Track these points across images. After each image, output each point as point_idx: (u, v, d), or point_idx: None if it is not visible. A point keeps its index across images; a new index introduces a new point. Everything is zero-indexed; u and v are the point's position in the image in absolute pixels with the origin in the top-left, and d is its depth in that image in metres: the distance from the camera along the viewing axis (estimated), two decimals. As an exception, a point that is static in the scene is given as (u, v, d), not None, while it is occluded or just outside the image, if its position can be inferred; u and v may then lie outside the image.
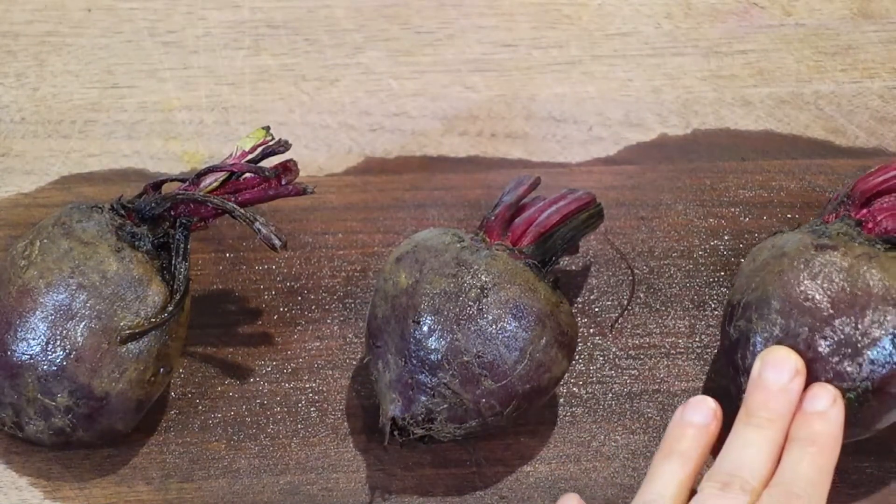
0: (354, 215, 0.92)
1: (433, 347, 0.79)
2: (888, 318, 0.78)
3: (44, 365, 0.78)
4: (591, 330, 0.88)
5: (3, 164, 0.94)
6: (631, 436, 0.85)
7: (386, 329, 0.81)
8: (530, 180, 0.86)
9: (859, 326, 0.78)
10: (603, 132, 0.96)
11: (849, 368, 0.78)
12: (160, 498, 0.82)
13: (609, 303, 0.90)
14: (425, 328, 0.79)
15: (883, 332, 0.78)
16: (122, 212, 0.83)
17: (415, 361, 0.79)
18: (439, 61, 0.99)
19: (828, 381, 0.78)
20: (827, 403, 0.77)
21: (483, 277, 0.80)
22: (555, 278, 0.83)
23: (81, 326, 0.78)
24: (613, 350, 0.88)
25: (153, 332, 0.80)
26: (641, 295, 0.90)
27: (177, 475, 0.83)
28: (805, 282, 0.79)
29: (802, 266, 0.80)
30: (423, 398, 0.79)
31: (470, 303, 0.79)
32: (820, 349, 0.78)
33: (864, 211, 0.83)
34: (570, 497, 0.77)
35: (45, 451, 0.83)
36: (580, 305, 0.89)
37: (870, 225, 0.82)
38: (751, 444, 0.75)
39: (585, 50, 0.99)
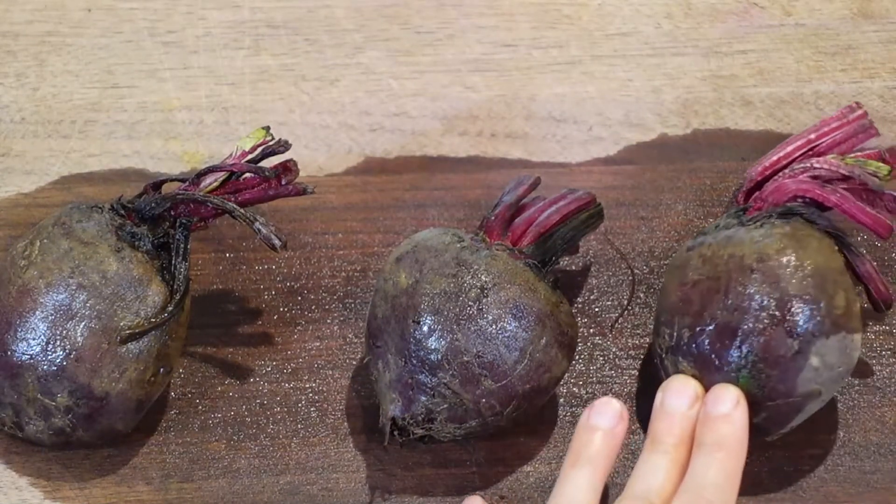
0: (354, 215, 0.92)
1: (433, 347, 0.79)
2: (747, 287, 0.78)
3: (44, 365, 0.78)
4: (591, 330, 0.88)
5: (3, 164, 0.94)
6: (631, 436, 0.85)
7: (386, 329, 0.80)
8: (530, 180, 0.86)
9: (727, 306, 0.78)
10: (603, 132, 0.96)
11: (731, 349, 0.78)
12: (160, 498, 0.82)
13: (609, 303, 0.90)
14: (425, 328, 0.79)
15: (747, 301, 0.78)
16: (122, 212, 0.83)
17: (415, 361, 0.79)
18: (439, 61, 0.99)
19: (718, 368, 0.78)
20: (730, 405, 0.78)
21: (483, 277, 0.80)
22: (555, 278, 0.83)
23: (81, 326, 0.78)
24: (613, 350, 0.88)
25: (153, 332, 0.80)
26: (641, 295, 0.90)
27: (177, 475, 0.83)
28: (678, 285, 0.81)
29: (674, 273, 0.82)
30: (423, 398, 0.79)
31: (470, 303, 0.79)
32: (700, 343, 0.79)
33: (754, 195, 0.84)
34: (473, 499, 0.79)
35: (45, 451, 0.83)
36: (580, 305, 0.89)
37: (757, 204, 0.83)
38: (659, 468, 0.77)
39: (585, 50, 0.99)
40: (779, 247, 0.79)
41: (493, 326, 0.79)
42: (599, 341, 0.88)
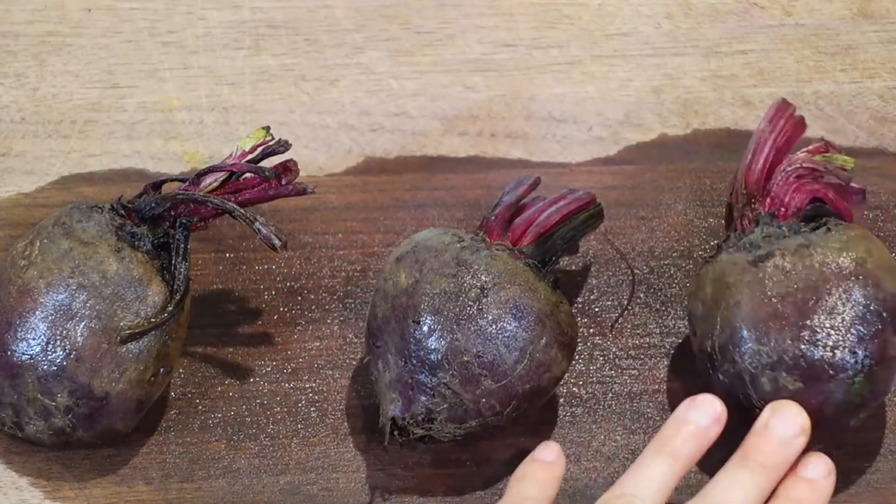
0: (354, 215, 0.92)
1: (433, 347, 0.79)
2: (853, 292, 0.78)
3: (44, 365, 0.78)
4: (591, 330, 0.88)
5: (3, 164, 0.94)
6: (631, 436, 0.85)
7: (386, 329, 0.80)
8: (530, 180, 0.86)
9: (833, 314, 0.78)
10: (603, 132, 0.96)
11: (846, 356, 0.77)
12: (160, 498, 0.82)
13: (609, 303, 0.90)
14: (425, 328, 0.79)
15: (855, 306, 0.78)
16: (122, 212, 0.83)
17: (415, 361, 0.79)
18: (439, 61, 0.99)
19: (832, 377, 0.77)
20: (821, 473, 0.77)
21: (483, 277, 0.80)
22: (555, 278, 0.83)
23: (81, 326, 0.78)
24: (613, 350, 0.88)
25: (153, 332, 0.80)
26: (641, 295, 0.90)
27: (177, 475, 0.83)
28: (763, 300, 0.79)
29: (751, 287, 0.79)
30: (423, 398, 0.79)
31: (470, 303, 0.79)
32: (810, 354, 0.78)
33: (768, 201, 0.83)
34: (548, 444, 0.78)
35: (45, 451, 0.83)
36: (580, 305, 0.89)
37: (782, 211, 0.83)
38: (739, 485, 0.75)
39: (585, 50, 0.99)
40: (867, 248, 0.79)
41: (493, 326, 0.79)
42: (599, 341, 0.88)
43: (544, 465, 0.78)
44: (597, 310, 0.89)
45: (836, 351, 0.77)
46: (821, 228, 0.81)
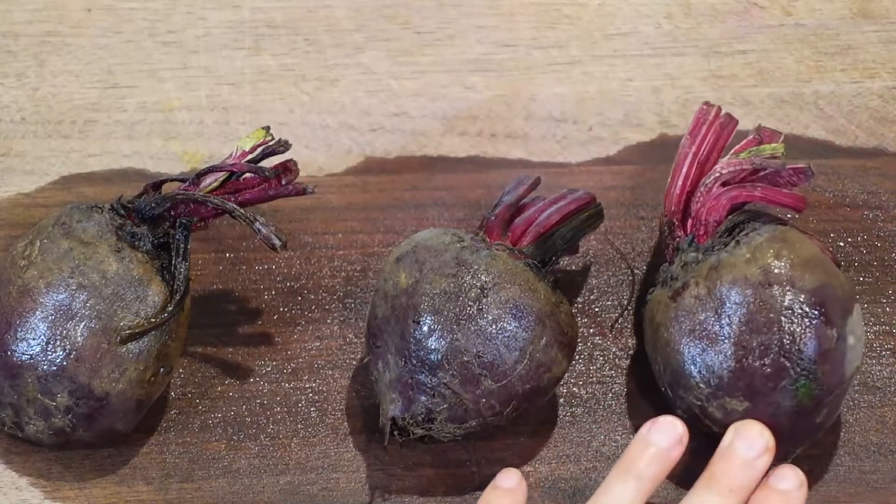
0: (354, 215, 0.92)
1: (433, 347, 0.79)
2: (767, 301, 0.78)
3: (44, 365, 0.78)
4: (591, 330, 0.88)
5: (3, 164, 0.94)
6: (631, 436, 0.85)
7: (386, 329, 0.80)
8: (530, 180, 0.86)
9: (755, 327, 0.77)
10: (603, 132, 0.96)
11: (780, 363, 0.77)
12: (160, 498, 0.82)
13: (609, 303, 0.90)
14: (425, 328, 0.79)
15: (772, 313, 0.77)
16: (122, 212, 0.83)
17: (415, 361, 0.79)
18: (439, 61, 0.99)
19: (774, 388, 0.77)
20: (793, 485, 0.77)
21: (483, 277, 0.80)
22: (555, 278, 0.83)
23: (81, 326, 0.78)
24: (613, 350, 0.88)
25: (153, 332, 0.80)
26: (641, 295, 0.90)
27: (177, 475, 0.83)
28: (689, 334, 0.79)
29: (678, 324, 0.80)
30: (423, 398, 0.79)
31: (470, 303, 0.79)
32: (744, 372, 0.77)
33: (689, 223, 0.83)
34: (509, 471, 0.79)
35: (45, 451, 0.83)
36: (580, 305, 0.89)
37: (702, 231, 0.82)
38: None
39: (585, 50, 0.99)
40: (775, 251, 0.79)
41: (493, 326, 0.79)
42: (599, 341, 0.88)
43: (506, 492, 0.79)
44: (597, 310, 0.89)
45: (770, 363, 0.77)
46: (731, 243, 0.80)
